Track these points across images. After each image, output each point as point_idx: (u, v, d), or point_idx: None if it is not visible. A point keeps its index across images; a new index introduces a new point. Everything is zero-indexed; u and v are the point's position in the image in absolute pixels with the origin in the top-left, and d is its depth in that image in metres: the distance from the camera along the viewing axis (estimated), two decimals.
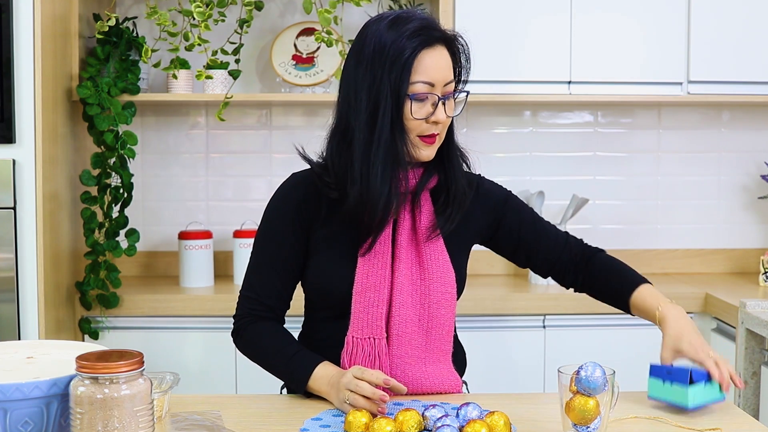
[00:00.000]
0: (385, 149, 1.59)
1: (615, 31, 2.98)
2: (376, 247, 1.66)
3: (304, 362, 1.64)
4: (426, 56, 1.59)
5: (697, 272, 3.33)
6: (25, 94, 2.45)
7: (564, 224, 3.09)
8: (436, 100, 1.61)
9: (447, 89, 1.63)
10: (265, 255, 1.72)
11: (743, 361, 2.50)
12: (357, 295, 1.64)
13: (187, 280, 3.00)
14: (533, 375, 2.85)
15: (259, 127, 3.27)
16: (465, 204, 1.71)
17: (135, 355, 1.17)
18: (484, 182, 1.83)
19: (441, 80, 1.61)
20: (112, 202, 2.84)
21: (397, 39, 1.58)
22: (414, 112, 1.60)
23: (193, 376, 2.79)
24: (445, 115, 1.62)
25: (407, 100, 1.59)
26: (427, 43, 1.59)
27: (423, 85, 1.60)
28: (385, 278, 1.65)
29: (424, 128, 1.62)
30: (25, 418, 1.17)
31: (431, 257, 1.68)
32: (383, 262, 1.65)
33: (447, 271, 1.69)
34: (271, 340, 1.70)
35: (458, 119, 1.73)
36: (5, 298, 2.46)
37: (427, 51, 1.59)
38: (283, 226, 1.70)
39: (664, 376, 1.59)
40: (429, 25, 1.61)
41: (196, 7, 2.74)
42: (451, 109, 1.65)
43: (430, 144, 1.63)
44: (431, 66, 1.60)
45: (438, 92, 1.61)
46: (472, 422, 1.36)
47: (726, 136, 3.34)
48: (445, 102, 1.62)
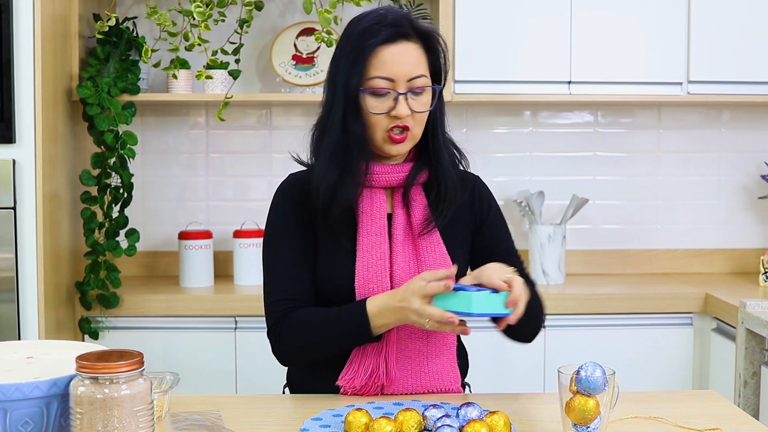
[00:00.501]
0: (336, 141, 1.64)
1: (615, 31, 2.99)
2: (374, 240, 1.67)
3: (352, 313, 1.62)
4: (385, 52, 1.61)
5: (697, 272, 3.33)
6: (25, 94, 2.45)
7: (564, 224, 3.10)
8: (396, 95, 1.62)
9: (412, 84, 1.63)
10: (279, 257, 1.72)
11: (743, 361, 2.50)
12: (359, 288, 1.66)
13: (187, 280, 3.00)
14: (533, 375, 2.85)
15: (259, 127, 3.27)
16: (455, 200, 1.72)
17: (135, 355, 1.17)
18: (480, 184, 1.83)
19: (402, 75, 1.62)
20: (112, 202, 2.84)
21: (361, 35, 1.62)
22: (373, 107, 1.63)
23: (193, 376, 2.79)
24: (407, 110, 1.62)
25: (364, 95, 1.62)
26: (388, 39, 1.61)
27: (381, 80, 1.62)
28: (384, 270, 1.66)
29: (387, 123, 1.63)
30: (25, 418, 1.17)
31: (427, 250, 1.69)
32: (381, 254, 1.67)
33: (444, 263, 1.69)
34: (313, 318, 1.66)
35: (458, 119, 1.73)
36: (5, 298, 2.46)
37: (386, 47, 1.61)
38: (288, 225, 1.72)
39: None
40: (395, 21, 1.63)
41: (196, 7, 2.74)
42: (421, 104, 1.65)
43: (400, 141, 1.64)
44: (390, 61, 1.61)
45: (400, 88, 1.62)
46: (472, 422, 1.36)
47: (726, 136, 3.34)
48: (408, 97, 1.62)
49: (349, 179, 1.65)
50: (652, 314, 2.87)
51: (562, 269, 3.07)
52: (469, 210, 1.78)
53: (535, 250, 3.07)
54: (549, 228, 3.05)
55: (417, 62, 1.64)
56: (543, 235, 3.05)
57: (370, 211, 1.70)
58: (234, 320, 2.81)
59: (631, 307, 2.87)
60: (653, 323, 2.88)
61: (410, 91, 1.63)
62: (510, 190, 3.25)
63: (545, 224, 3.08)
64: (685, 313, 2.88)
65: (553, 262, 3.05)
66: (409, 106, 1.63)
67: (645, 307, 2.87)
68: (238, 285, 3.02)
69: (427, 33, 1.67)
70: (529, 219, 3.12)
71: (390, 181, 1.70)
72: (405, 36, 1.63)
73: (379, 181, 1.70)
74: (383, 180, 1.70)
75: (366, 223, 1.69)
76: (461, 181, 1.74)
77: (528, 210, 3.12)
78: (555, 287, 3.01)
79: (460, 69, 2.94)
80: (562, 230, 3.08)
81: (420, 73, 1.64)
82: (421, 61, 1.64)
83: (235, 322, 2.81)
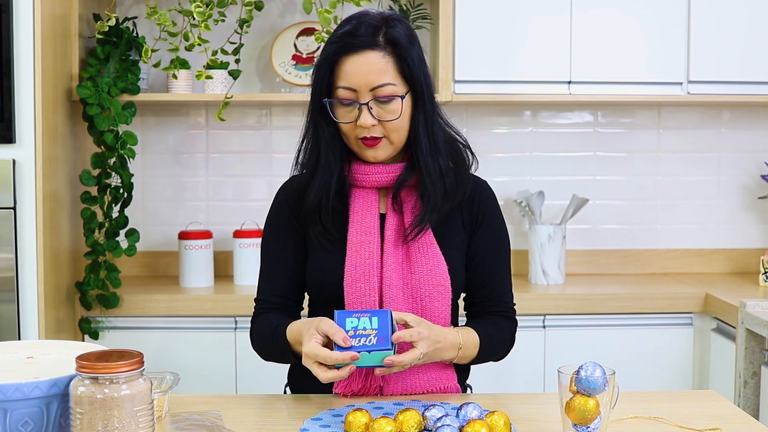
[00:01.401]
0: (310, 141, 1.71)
1: (615, 30, 2.99)
2: (363, 240, 1.68)
3: (281, 332, 1.67)
4: (346, 62, 1.63)
5: (697, 272, 3.33)
6: (25, 94, 2.45)
7: (564, 224, 3.10)
8: (359, 105, 1.63)
9: (376, 93, 1.63)
10: (269, 257, 1.79)
11: (743, 361, 2.50)
12: (348, 287, 1.66)
13: (187, 280, 3.00)
14: (533, 375, 2.85)
15: (259, 127, 3.27)
16: (437, 206, 1.68)
17: (135, 355, 1.17)
18: (484, 190, 1.79)
19: (364, 85, 1.62)
20: (112, 202, 2.84)
21: (330, 44, 1.65)
22: (340, 116, 1.66)
23: (193, 376, 2.79)
24: (371, 120, 1.63)
25: (329, 104, 1.65)
26: (352, 49, 1.62)
27: (344, 90, 1.64)
28: (373, 270, 1.66)
29: (358, 132, 1.65)
30: (25, 418, 1.17)
31: (419, 251, 1.69)
32: (369, 253, 1.67)
33: (437, 264, 1.68)
34: (264, 328, 1.73)
35: (458, 119, 1.73)
36: (5, 298, 2.46)
37: (350, 57, 1.63)
38: (278, 226, 1.77)
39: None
40: (364, 32, 1.62)
41: (196, 7, 2.74)
42: (389, 113, 1.64)
43: (371, 146, 1.66)
44: (351, 72, 1.62)
45: (362, 98, 1.62)
46: (472, 422, 1.36)
47: (726, 136, 3.34)
48: (372, 106, 1.63)
49: (325, 176, 1.68)
50: (652, 314, 2.87)
51: (562, 269, 3.07)
52: (468, 213, 1.76)
53: (535, 250, 3.07)
54: (549, 228, 3.05)
55: (381, 71, 1.62)
56: (543, 235, 3.05)
57: (361, 210, 1.71)
58: (234, 320, 2.81)
59: (631, 307, 2.87)
60: (653, 323, 2.88)
61: (375, 100, 1.63)
62: (510, 190, 3.25)
63: (545, 224, 3.08)
64: (685, 313, 2.88)
65: (553, 262, 3.05)
66: (375, 116, 1.63)
67: (645, 307, 2.87)
68: (238, 285, 3.02)
69: (395, 40, 1.64)
70: (529, 219, 3.12)
71: (379, 181, 1.71)
72: (370, 45, 1.62)
73: (369, 182, 1.71)
74: (373, 180, 1.70)
75: (356, 222, 1.70)
76: (456, 184, 1.71)
77: (528, 210, 3.12)
78: (555, 287, 3.01)
79: (460, 69, 2.94)
80: (562, 230, 3.08)
81: (385, 82, 1.62)
82: (386, 69, 1.62)
83: (235, 322, 2.81)
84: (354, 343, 1.50)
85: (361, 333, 1.51)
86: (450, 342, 1.63)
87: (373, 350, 1.50)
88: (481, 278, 1.76)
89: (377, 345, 1.50)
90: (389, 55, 1.63)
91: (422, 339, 1.54)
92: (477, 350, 1.69)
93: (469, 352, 1.67)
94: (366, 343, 1.50)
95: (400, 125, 1.66)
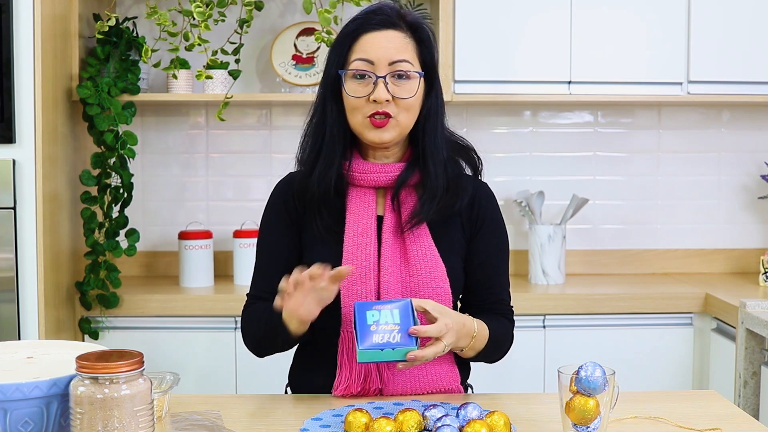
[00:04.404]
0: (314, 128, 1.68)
1: (615, 30, 2.99)
2: (359, 242, 1.66)
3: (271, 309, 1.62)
4: (367, 37, 1.63)
5: (697, 272, 3.33)
6: (25, 94, 2.45)
7: (564, 224, 3.10)
8: (376, 79, 1.61)
9: (394, 68, 1.62)
10: (263, 254, 1.78)
11: (743, 361, 2.50)
12: (344, 290, 1.64)
13: (187, 280, 3.00)
14: (533, 375, 2.85)
15: (259, 127, 3.27)
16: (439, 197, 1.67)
17: (135, 355, 1.17)
18: (484, 193, 1.78)
19: (383, 58, 1.61)
20: (112, 202, 2.84)
21: (350, 22, 1.65)
22: (352, 90, 1.64)
23: (193, 376, 2.79)
24: (386, 94, 1.61)
25: (345, 79, 1.63)
26: (373, 27, 1.63)
27: (361, 62, 1.62)
28: (369, 272, 1.65)
29: (368, 109, 1.62)
30: (25, 418, 1.17)
31: (417, 253, 1.67)
32: (366, 255, 1.65)
33: (435, 264, 1.67)
34: (254, 313, 1.72)
35: (458, 119, 1.73)
36: (5, 298, 2.46)
37: (370, 33, 1.63)
38: (271, 222, 1.76)
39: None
40: (384, 12, 1.64)
41: (196, 7, 2.74)
42: (405, 90, 1.63)
43: (379, 126, 1.63)
44: (371, 45, 1.62)
45: (380, 71, 1.62)
46: (472, 422, 1.36)
47: (726, 136, 3.34)
48: (389, 82, 1.61)
49: (325, 166, 1.66)
50: (652, 314, 2.87)
51: (562, 269, 3.07)
52: (468, 216, 1.74)
53: (535, 250, 3.07)
54: (549, 228, 3.05)
55: (401, 48, 1.63)
56: (543, 235, 3.05)
57: (357, 211, 1.69)
58: (234, 320, 2.81)
59: (631, 307, 2.87)
60: (653, 323, 2.88)
61: (392, 75, 1.62)
62: (510, 190, 3.25)
63: (545, 224, 3.08)
64: (685, 313, 2.88)
65: (553, 262, 3.05)
66: (390, 92, 1.62)
67: (645, 307, 2.87)
68: (238, 285, 3.02)
69: (417, 24, 1.66)
70: (529, 219, 3.12)
71: (378, 181, 1.69)
72: (392, 25, 1.64)
73: (368, 181, 1.69)
74: (371, 180, 1.69)
75: (352, 224, 1.68)
76: (456, 183, 1.70)
77: (528, 210, 3.12)
78: (555, 287, 3.01)
79: (460, 69, 2.94)
80: (562, 230, 3.08)
81: (403, 58, 1.62)
82: (406, 48, 1.63)
83: (235, 322, 2.81)
84: (377, 340, 1.47)
85: (384, 328, 1.48)
86: (467, 329, 1.61)
87: (397, 347, 1.47)
88: (481, 281, 1.75)
89: (401, 342, 1.47)
90: (410, 38, 1.65)
91: (448, 331, 1.52)
92: (485, 342, 1.66)
93: (479, 344, 1.64)
94: (390, 340, 1.46)
95: (412, 104, 1.64)
